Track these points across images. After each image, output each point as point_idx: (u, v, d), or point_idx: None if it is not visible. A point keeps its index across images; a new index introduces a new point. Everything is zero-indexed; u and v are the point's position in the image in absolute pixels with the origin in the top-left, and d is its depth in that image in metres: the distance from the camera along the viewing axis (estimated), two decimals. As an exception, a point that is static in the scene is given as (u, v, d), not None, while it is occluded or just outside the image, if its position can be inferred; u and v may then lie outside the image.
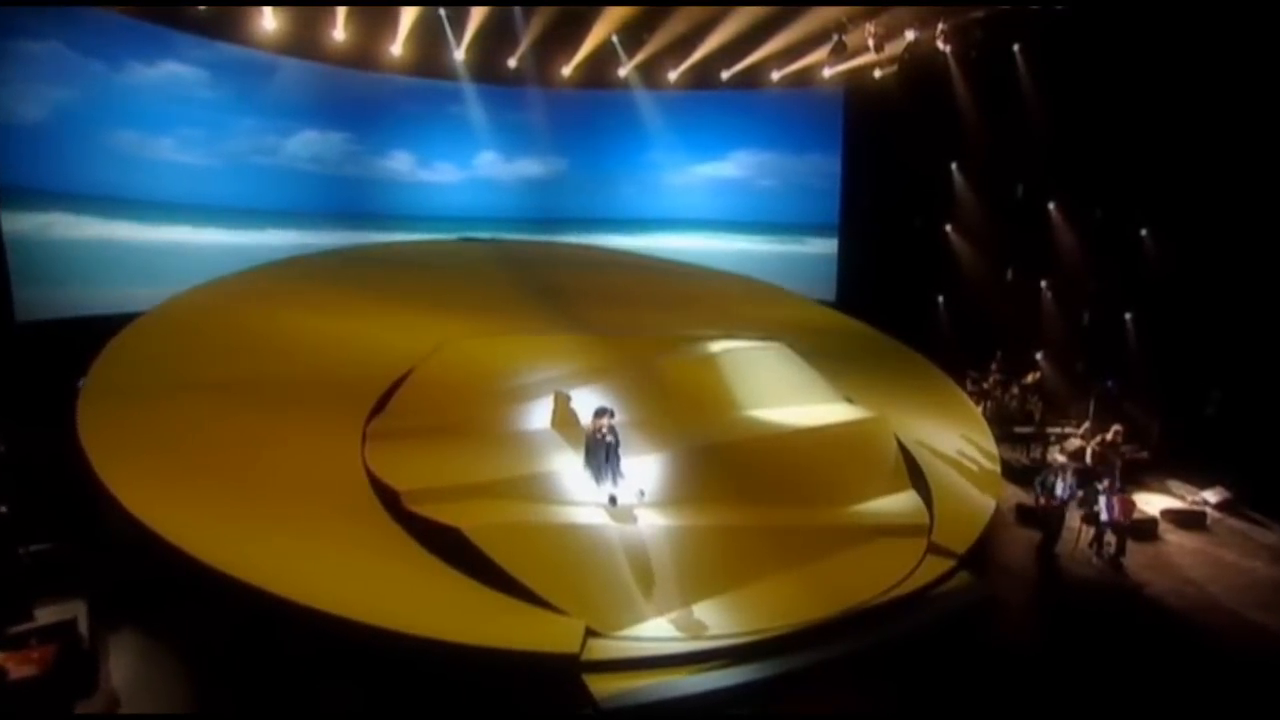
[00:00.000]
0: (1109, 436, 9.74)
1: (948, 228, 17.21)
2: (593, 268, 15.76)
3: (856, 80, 17.75)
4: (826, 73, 17.83)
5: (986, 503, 9.53)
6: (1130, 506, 9.43)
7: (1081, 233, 14.52)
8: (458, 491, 7.75)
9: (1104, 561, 9.23)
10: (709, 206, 19.95)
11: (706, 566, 7.75)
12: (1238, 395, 12.06)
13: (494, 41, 17.01)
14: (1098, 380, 13.00)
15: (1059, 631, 7.78)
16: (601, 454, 8.22)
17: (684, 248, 19.27)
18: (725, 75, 18.33)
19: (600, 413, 8.33)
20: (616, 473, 8.25)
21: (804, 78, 18.32)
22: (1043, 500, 9.18)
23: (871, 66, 16.97)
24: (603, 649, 6.66)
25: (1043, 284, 15.57)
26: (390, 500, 7.64)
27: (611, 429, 8.29)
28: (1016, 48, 14.39)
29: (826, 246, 19.28)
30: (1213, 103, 11.52)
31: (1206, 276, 12.30)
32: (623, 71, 18.38)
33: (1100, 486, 9.25)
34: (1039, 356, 15.04)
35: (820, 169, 19.26)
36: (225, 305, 11.06)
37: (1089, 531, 9.45)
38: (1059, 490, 9.05)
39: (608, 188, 20.04)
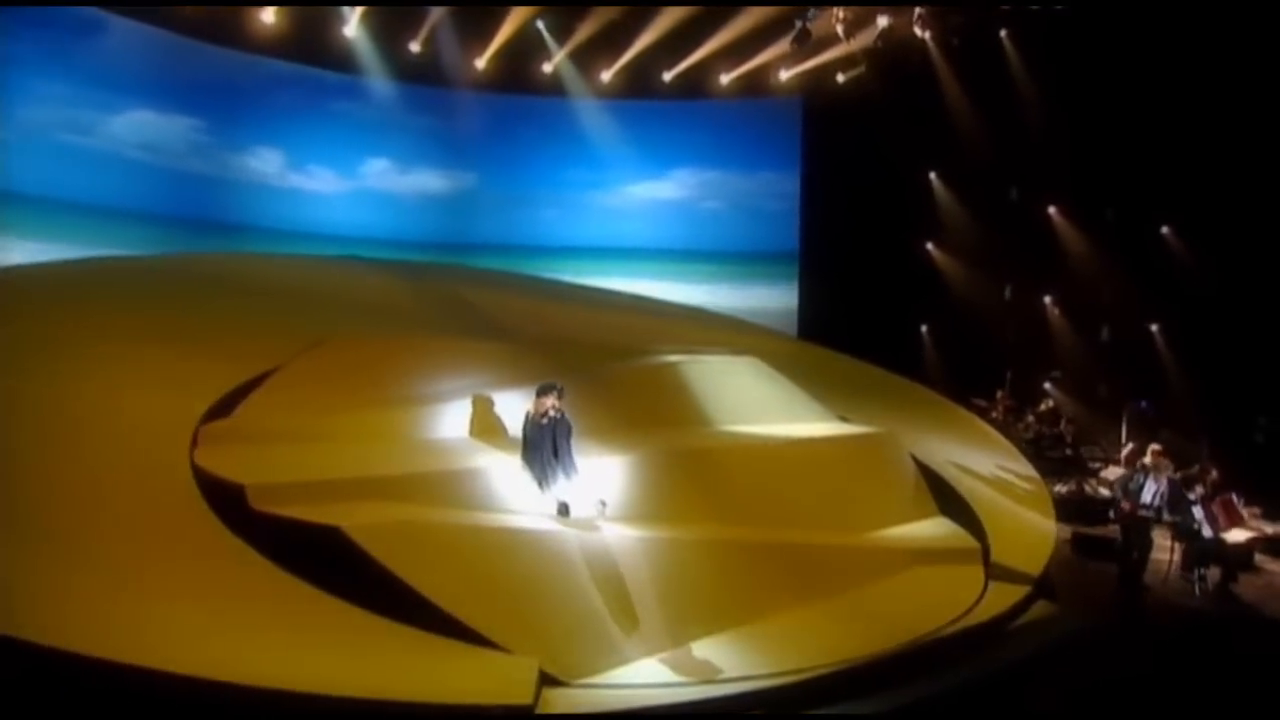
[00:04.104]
0: (1147, 460, 8.91)
1: (930, 245, 16.89)
2: (511, 286, 14.60)
3: (816, 85, 17.65)
4: (783, 75, 17.74)
5: (1046, 525, 8.87)
6: (1234, 511, 8.48)
7: (1091, 236, 14.33)
8: (331, 488, 6.03)
9: (1209, 591, 8.18)
10: (645, 232, 19.22)
11: (705, 592, 6.44)
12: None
13: (394, 18, 16.14)
14: (1131, 401, 12.45)
15: (1179, 682, 6.51)
16: (547, 446, 6.76)
17: (617, 283, 18.18)
18: (668, 76, 17.94)
19: (546, 390, 6.97)
20: (569, 470, 6.69)
21: (756, 84, 18.14)
22: (1125, 506, 8.08)
23: (834, 68, 16.93)
24: (568, 701, 4.96)
25: (1047, 300, 15.25)
26: (231, 506, 5.82)
27: (561, 412, 6.81)
28: (1004, 33, 14.52)
29: (784, 275, 18.65)
30: (1243, 73, 11.53)
31: (1242, 277, 12.11)
32: (548, 68, 17.75)
33: (1192, 496, 8.26)
34: (1047, 385, 14.51)
35: (775, 188, 18.88)
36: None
37: (1181, 554, 8.42)
38: (1147, 495, 7.97)
39: (524, 208, 19.10)
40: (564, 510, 6.54)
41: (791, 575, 6.96)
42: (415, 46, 16.79)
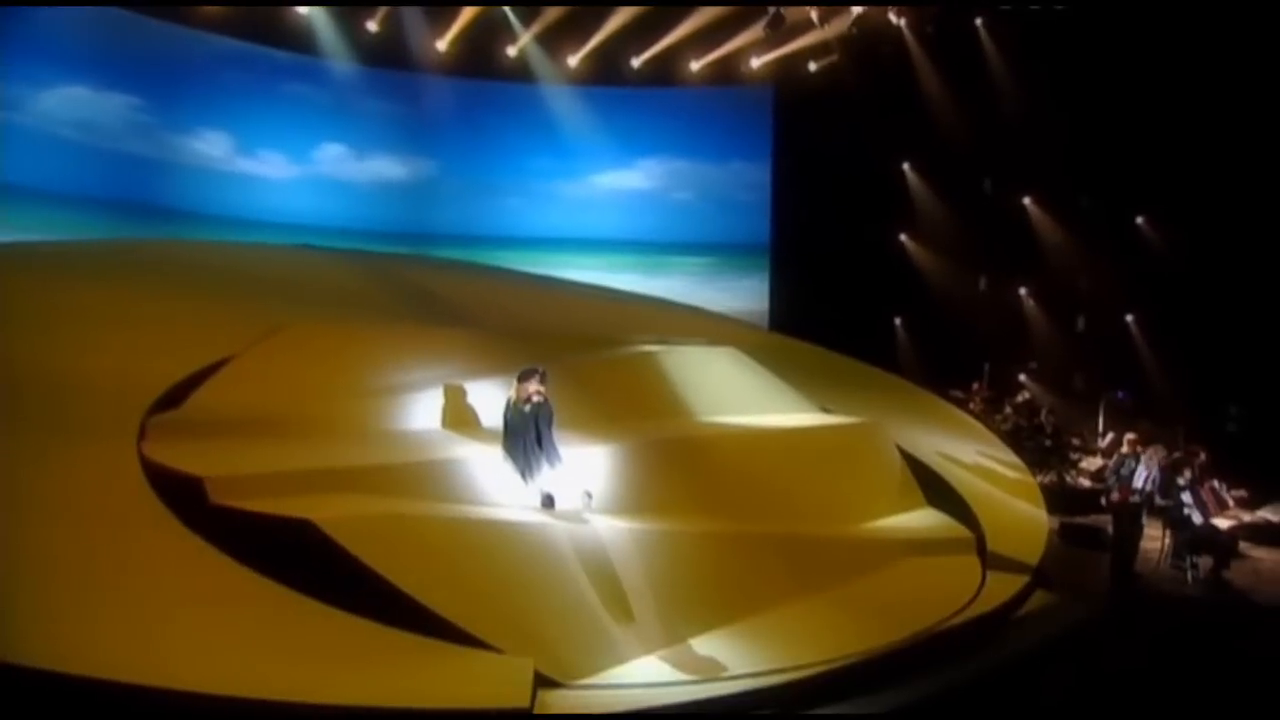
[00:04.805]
0: (1124, 449, 8.97)
1: (903, 236, 16.89)
2: (475, 276, 14.25)
3: (788, 74, 17.55)
4: (755, 62, 17.61)
5: (1037, 513, 8.95)
6: (1220, 496, 8.55)
7: (1066, 226, 14.44)
8: (298, 480, 5.65)
9: (1201, 578, 8.19)
10: (612, 223, 18.89)
11: (700, 586, 6.25)
12: (1261, 407, 11.88)
13: (349, -2, 15.68)
14: (1108, 392, 12.55)
15: (1177, 672, 6.46)
16: (530, 434, 6.48)
17: (583, 274, 17.84)
18: (637, 63, 17.67)
19: (528, 375, 6.71)
20: (553, 459, 6.42)
21: (726, 71, 17.97)
22: (1116, 495, 8.06)
23: (806, 57, 16.87)
24: (567, 702, 4.69)
25: (1023, 290, 15.32)
26: (187, 502, 5.41)
27: (544, 397, 6.53)
28: (979, 21, 14.56)
29: (755, 267, 18.51)
30: (1219, 62, 11.66)
31: (1216, 267, 12.27)
32: (512, 51, 17.37)
33: (1180, 481, 8.28)
34: (1023, 377, 14.61)
35: (746, 178, 18.71)
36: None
37: (1171, 541, 8.44)
38: (1139, 480, 7.96)
39: (487, 197, 18.62)
40: (549, 502, 6.31)
41: (788, 568, 6.84)
42: (373, 26, 16.24)
